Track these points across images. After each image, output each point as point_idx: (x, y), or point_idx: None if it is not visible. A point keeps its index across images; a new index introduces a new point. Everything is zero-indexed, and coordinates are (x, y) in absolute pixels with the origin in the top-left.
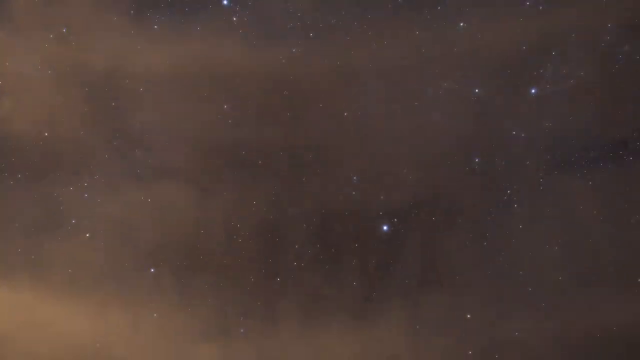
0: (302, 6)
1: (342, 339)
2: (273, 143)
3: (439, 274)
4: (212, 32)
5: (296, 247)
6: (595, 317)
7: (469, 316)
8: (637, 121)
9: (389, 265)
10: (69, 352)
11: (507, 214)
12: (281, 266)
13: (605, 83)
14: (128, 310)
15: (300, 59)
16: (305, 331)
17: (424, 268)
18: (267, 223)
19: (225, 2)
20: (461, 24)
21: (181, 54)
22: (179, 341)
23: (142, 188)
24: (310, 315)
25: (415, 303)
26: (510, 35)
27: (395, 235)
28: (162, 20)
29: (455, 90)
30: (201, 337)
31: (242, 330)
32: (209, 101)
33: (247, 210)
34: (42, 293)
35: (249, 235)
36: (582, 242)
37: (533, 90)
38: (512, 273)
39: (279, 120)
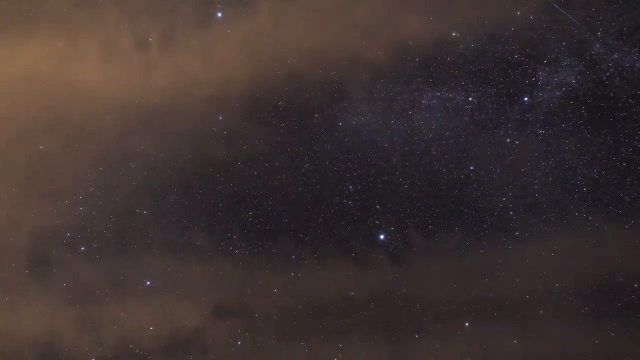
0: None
1: None
2: None
3: None
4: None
5: None
6: None
7: None
8: (627, 128)
9: None
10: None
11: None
12: None
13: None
14: (98, 39)
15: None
16: None
17: None
18: None
19: (219, 15)
20: (454, 34)
21: None
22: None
23: None
24: None
25: None
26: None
27: None
28: None
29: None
30: None
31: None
32: None
33: None
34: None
35: None
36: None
37: (526, 99)
38: None
39: None
